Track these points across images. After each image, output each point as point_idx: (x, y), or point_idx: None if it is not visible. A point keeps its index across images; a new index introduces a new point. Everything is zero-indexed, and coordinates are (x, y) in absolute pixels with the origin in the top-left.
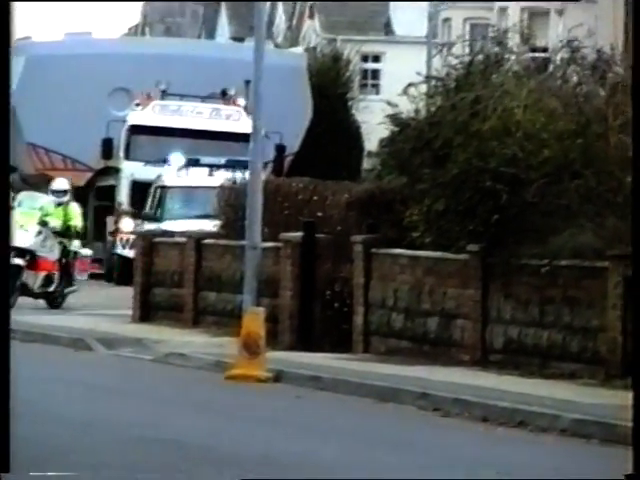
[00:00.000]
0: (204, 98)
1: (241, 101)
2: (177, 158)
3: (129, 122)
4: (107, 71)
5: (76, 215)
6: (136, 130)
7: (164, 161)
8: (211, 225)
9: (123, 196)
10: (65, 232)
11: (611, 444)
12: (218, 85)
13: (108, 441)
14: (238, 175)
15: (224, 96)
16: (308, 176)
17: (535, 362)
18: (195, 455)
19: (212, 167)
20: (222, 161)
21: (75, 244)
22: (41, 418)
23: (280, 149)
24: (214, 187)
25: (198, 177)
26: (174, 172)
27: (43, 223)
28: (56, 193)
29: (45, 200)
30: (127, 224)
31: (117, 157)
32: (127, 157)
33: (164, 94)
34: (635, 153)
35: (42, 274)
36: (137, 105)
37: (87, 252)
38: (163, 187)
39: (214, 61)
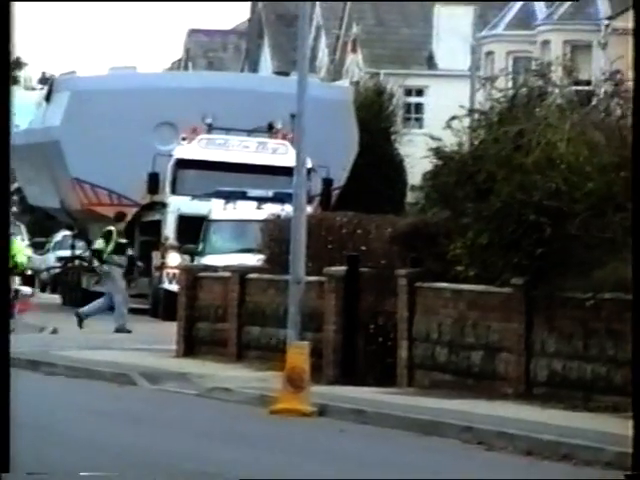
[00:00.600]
0: (250, 132)
1: (288, 134)
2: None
3: (175, 156)
4: (152, 105)
5: (19, 250)
6: (182, 164)
7: (212, 195)
8: (254, 259)
9: (169, 231)
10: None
11: None
12: (264, 119)
13: (153, 473)
14: (284, 208)
15: (270, 130)
16: (351, 210)
17: (579, 395)
18: None
19: (260, 200)
20: (270, 194)
21: (17, 281)
22: (85, 449)
23: (327, 183)
24: (259, 220)
25: (245, 211)
26: (221, 206)
27: None
28: None
29: None
30: (174, 258)
31: (163, 192)
32: (173, 191)
33: (210, 128)
34: (635, 153)
35: None
36: (183, 139)
37: (27, 291)
38: (209, 221)
39: (260, 94)
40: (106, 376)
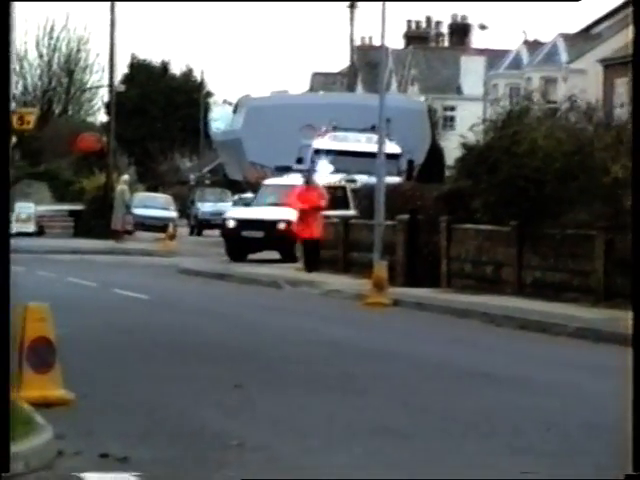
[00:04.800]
0: (361, 130)
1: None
2: (325, 166)
3: (314, 147)
4: (298, 114)
5: None
6: (318, 152)
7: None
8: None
9: None
10: None
11: (599, 342)
12: (369, 122)
13: (283, 343)
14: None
15: (373, 129)
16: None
17: (552, 292)
18: (337, 349)
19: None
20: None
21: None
22: (250, 330)
23: (410, 162)
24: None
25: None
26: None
27: None
28: None
29: None
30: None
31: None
32: (312, 167)
33: (335, 128)
34: (635, 154)
35: None
36: (319, 136)
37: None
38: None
39: (366, 107)
40: (263, 282)
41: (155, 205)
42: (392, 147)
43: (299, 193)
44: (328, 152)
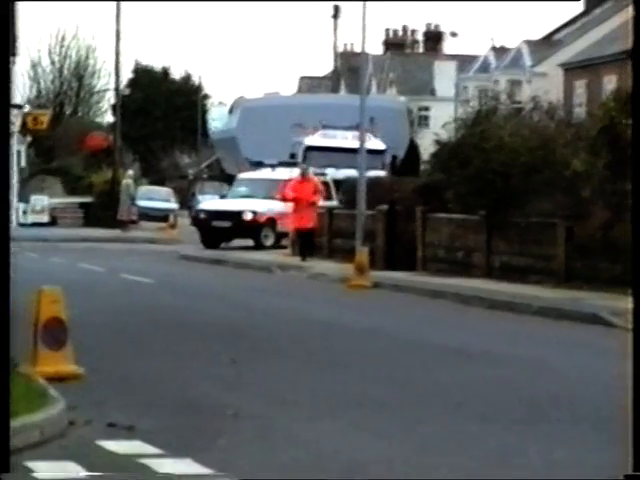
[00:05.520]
0: (347, 128)
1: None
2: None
3: (305, 143)
4: (288, 114)
5: None
6: (309, 148)
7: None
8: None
9: None
10: None
11: (560, 320)
12: (355, 120)
13: (275, 322)
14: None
15: (358, 127)
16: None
17: (517, 275)
18: (324, 327)
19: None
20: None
21: None
22: (243, 309)
23: (393, 157)
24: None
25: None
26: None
27: None
28: None
29: None
30: None
31: (298, 164)
32: (304, 163)
33: (324, 127)
34: (635, 154)
35: None
36: (310, 133)
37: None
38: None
39: (351, 106)
40: (255, 266)
41: (157, 197)
42: (377, 144)
43: (294, 185)
44: (319, 148)
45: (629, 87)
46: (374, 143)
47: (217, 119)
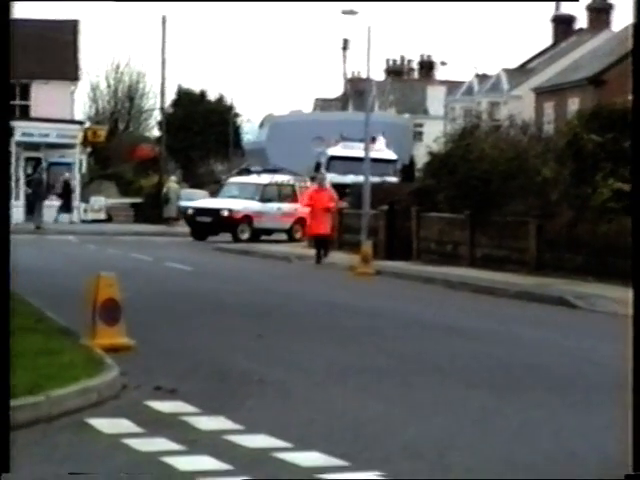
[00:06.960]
0: (361, 140)
1: (381, 142)
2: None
3: (328, 154)
4: (310, 128)
5: None
6: (332, 158)
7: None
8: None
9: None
10: None
11: (532, 302)
12: (370, 134)
13: (294, 303)
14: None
15: (373, 140)
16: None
17: (496, 265)
18: (335, 307)
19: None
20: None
21: None
22: (264, 291)
23: (404, 166)
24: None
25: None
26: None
27: None
28: None
29: None
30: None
31: (321, 171)
32: (328, 171)
33: (343, 139)
34: (635, 155)
35: None
36: (332, 145)
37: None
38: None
39: (362, 122)
40: (277, 257)
41: (196, 198)
42: (390, 154)
43: (311, 194)
44: (340, 158)
45: (589, 108)
46: (387, 153)
47: (249, 133)
